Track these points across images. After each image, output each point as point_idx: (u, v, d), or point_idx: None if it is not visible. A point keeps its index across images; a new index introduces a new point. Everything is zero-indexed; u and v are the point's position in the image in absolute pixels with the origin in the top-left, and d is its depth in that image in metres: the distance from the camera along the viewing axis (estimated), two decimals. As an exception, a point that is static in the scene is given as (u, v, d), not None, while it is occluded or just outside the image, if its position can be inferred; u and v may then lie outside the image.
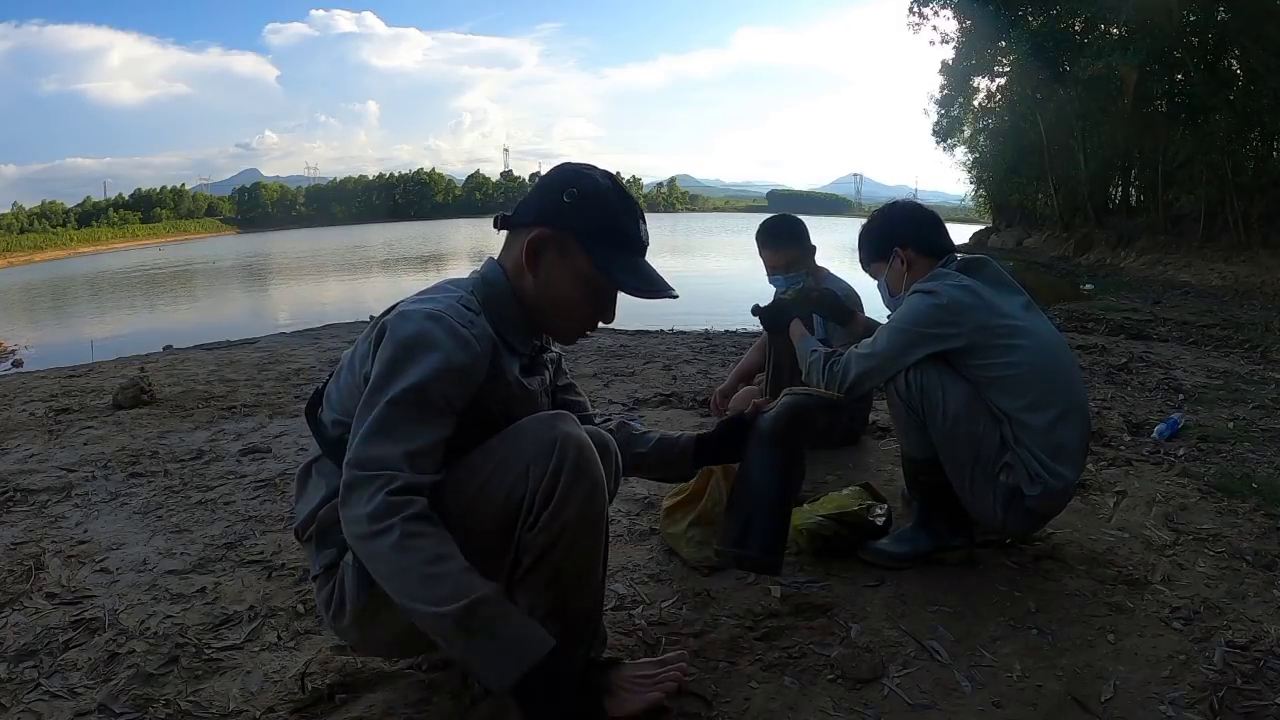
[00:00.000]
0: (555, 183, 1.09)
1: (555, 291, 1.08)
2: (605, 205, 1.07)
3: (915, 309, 1.58)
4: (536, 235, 1.06)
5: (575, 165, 1.12)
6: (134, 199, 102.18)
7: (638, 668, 1.24)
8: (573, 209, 1.06)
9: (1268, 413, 3.17)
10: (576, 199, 1.06)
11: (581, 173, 1.09)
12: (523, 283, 1.09)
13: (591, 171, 1.10)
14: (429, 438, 0.96)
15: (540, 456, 0.99)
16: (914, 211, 1.83)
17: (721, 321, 6.76)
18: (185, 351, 5.74)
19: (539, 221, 1.07)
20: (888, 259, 1.77)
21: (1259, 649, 1.36)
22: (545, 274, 1.08)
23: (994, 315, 1.57)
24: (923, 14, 20.81)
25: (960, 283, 1.60)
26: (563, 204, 1.06)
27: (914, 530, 1.71)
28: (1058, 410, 1.53)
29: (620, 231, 1.08)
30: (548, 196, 1.08)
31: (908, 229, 1.77)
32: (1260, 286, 10.21)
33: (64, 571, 1.74)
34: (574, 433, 1.01)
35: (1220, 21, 13.00)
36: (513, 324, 1.10)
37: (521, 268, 1.08)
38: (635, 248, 1.10)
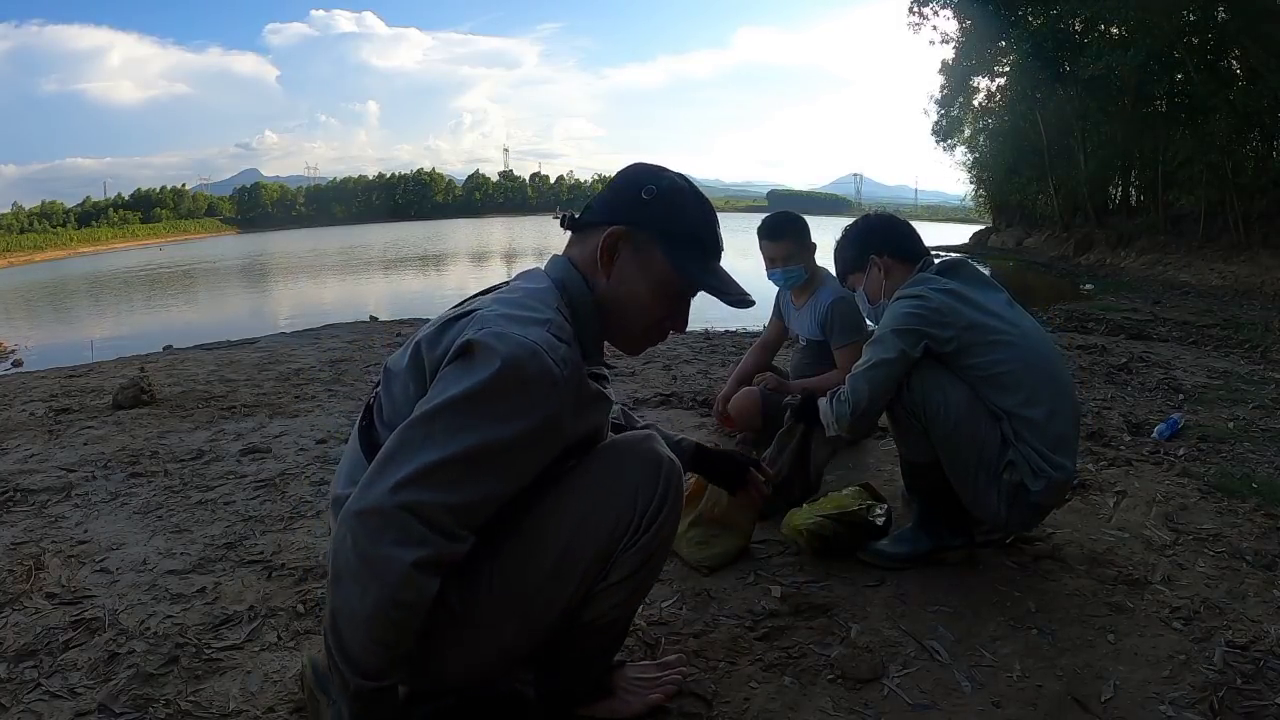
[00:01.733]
0: (632, 180, 1.04)
1: (629, 294, 1.02)
2: (685, 205, 1.03)
3: (904, 312, 1.59)
4: (613, 232, 1.00)
5: (651, 165, 1.07)
6: (134, 199, 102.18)
7: (639, 669, 1.24)
8: (651, 207, 1.01)
9: (1268, 413, 3.17)
10: (655, 197, 1.01)
11: (659, 172, 1.05)
12: (594, 282, 1.03)
13: (668, 172, 1.06)
14: (492, 491, 0.87)
15: (648, 481, 0.99)
16: (887, 220, 1.86)
17: (721, 321, 6.76)
18: (185, 351, 5.74)
19: (614, 219, 1.01)
20: (865, 269, 1.79)
21: (1259, 649, 1.37)
22: (620, 274, 1.01)
23: (981, 313, 1.58)
24: (923, 14, 20.84)
25: (943, 285, 1.61)
26: (640, 201, 1.01)
27: (914, 531, 1.71)
28: (1052, 402, 1.54)
29: (699, 233, 1.03)
30: (624, 194, 1.03)
31: (882, 237, 1.79)
32: (1260, 286, 10.21)
33: (64, 571, 1.74)
34: (669, 454, 1.02)
35: (1220, 21, 13.01)
36: (592, 335, 1.04)
37: (594, 267, 1.02)
38: (713, 251, 1.06)
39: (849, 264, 1.84)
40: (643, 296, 1.02)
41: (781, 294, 2.67)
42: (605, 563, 1.00)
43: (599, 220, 1.02)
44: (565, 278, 1.02)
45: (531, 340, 0.86)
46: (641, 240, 1.01)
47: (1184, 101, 13.52)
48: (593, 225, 1.03)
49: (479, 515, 0.87)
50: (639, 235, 1.01)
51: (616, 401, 1.30)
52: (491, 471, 0.85)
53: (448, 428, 0.83)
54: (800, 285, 2.54)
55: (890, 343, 1.58)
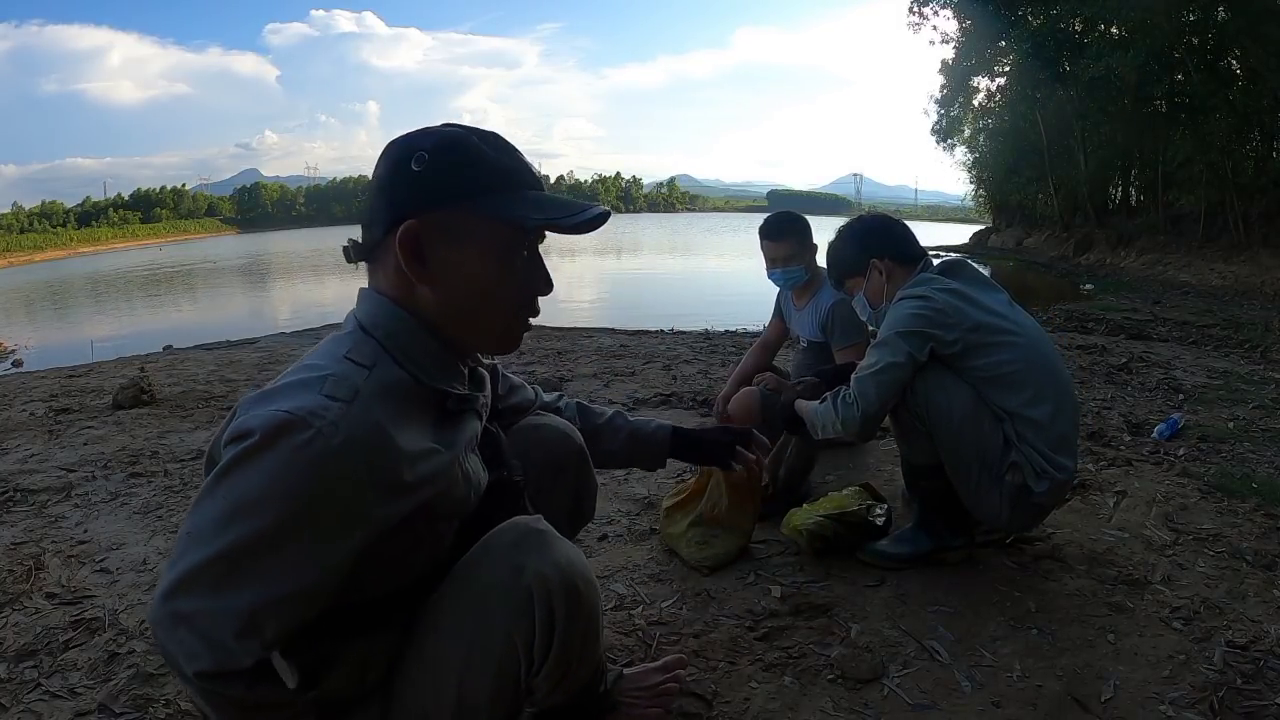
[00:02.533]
0: (395, 161, 0.82)
1: (467, 283, 0.82)
2: (468, 150, 0.82)
3: (909, 314, 1.57)
4: (405, 229, 0.79)
5: (407, 134, 0.84)
6: (134, 199, 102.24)
7: (638, 678, 1.21)
8: (432, 175, 0.80)
9: (1268, 413, 3.17)
10: (429, 161, 0.80)
11: (420, 134, 0.83)
12: (417, 300, 0.83)
13: (430, 128, 0.85)
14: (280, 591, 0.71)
15: (520, 619, 0.83)
16: (883, 222, 1.82)
17: (721, 321, 6.76)
18: (185, 351, 5.74)
19: (399, 214, 0.80)
20: (864, 273, 1.75)
21: (1259, 649, 1.36)
22: (442, 269, 0.81)
23: (984, 314, 1.57)
24: (923, 14, 20.85)
25: (946, 286, 1.60)
26: (416, 176, 0.80)
27: (914, 531, 1.71)
28: (1053, 402, 1.53)
29: (501, 170, 0.83)
30: (394, 181, 0.81)
31: (881, 239, 1.75)
32: (1260, 286, 10.21)
33: (64, 571, 1.74)
34: (545, 568, 0.83)
35: (1220, 21, 13.00)
36: (432, 359, 0.84)
37: (408, 282, 0.82)
38: (526, 182, 0.84)
39: (847, 268, 1.79)
40: (485, 276, 0.83)
41: (783, 294, 2.67)
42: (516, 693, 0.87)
43: (383, 226, 0.82)
44: (371, 311, 0.83)
45: (284, 412, 0.70)
46: (443, 218, 0.80)
47: (1184, 101, 13.51)
48: (381, 238, 0.83)
49: (276, 619, 0.71)
50: (437, 214, 0.80)
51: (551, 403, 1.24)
52: (264, 570, 0.70)
53: (206, 525, 0.70)
54: (801, 286, 2.54)
55: (897, 346, 1.55)
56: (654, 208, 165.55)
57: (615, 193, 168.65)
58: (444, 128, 0.84)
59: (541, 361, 4.42)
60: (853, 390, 1.59)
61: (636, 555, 1.79)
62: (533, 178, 0.85)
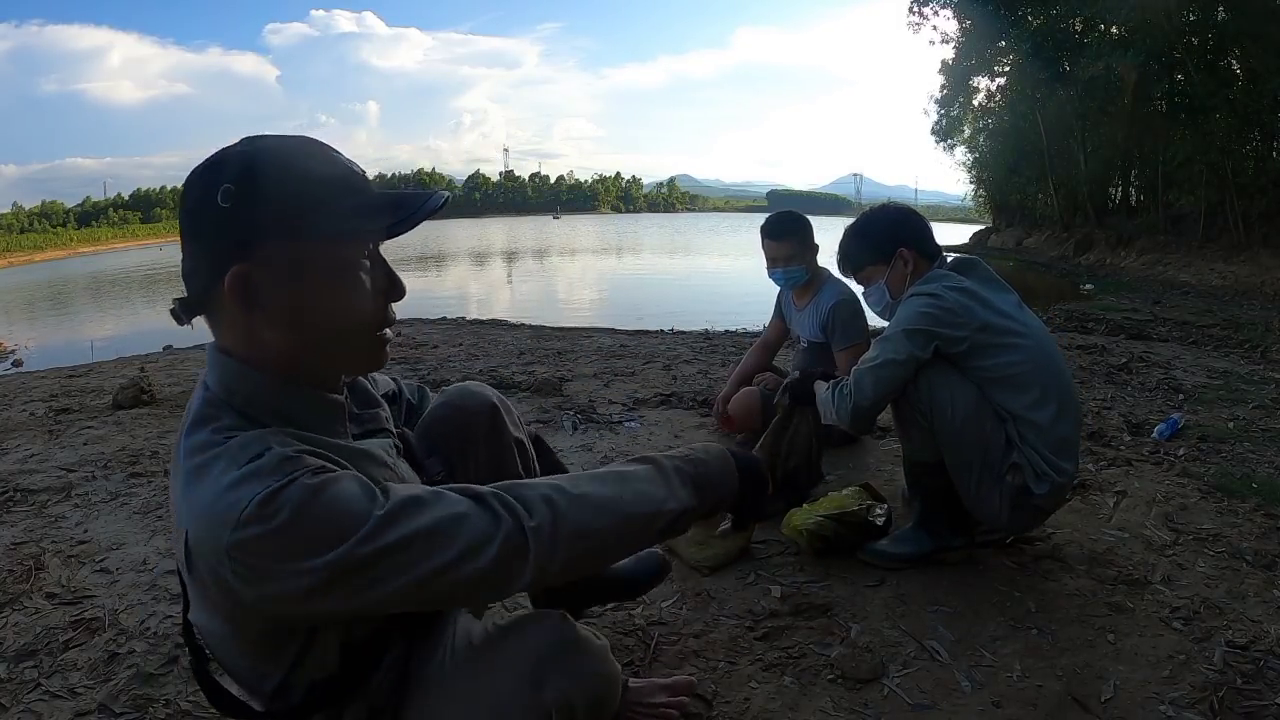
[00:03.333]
0: (199, 197, 0.71)
1: (313, 318, 0.74)
2: (273, 166, 0.71)
3: (918, 312, 1.56)
4: (232, 278, 0.70)
5: (205, 161, 0.74)
6: (134, 199, 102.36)
7: (643, 693, 1.18)
8: (244, 208, 0.70)
9: (1268, 413, 3.17)
10: (235, 192, 0.70)
11: (214, 162, 0.73)
12: (265, 347, 0.74)
13: (228, 149, 0.74)
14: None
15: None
16: (911, 213, 1.81)
17: (721, 321, 6.76)
18: (185, 351, 5.74)
19: (219, 263, 0.71)
20: (888, 261, 1.71)
21: (1259, 649, 1.37)
22: (283, 311, 0.72)
23: (994, 314, 1.57)
24: (923, 14, 20.86)
25: (959, 284, 1.59)
26: (224, 214, 0.70)
27: (914, 530, 1.71)
28: (1057, 405, 1.53)
29: (319, 180, 0.73)
30: (203, 221, 0.72)
31: (910, 230, 1.73)
32: (1260, 286, 10.22)
33: (64, 571, 1.74)
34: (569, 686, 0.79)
35: (1220, 21, 13.01)
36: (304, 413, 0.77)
37: (249, 330, 0.73)
38: (353, 183, 0.75)
39: (871, 254, 1.74)
40: (332, 304, 0.74)
41: (783, 294, 2.67)
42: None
43: (206, 276, 0.72)
44: (221, 378, 0.75)
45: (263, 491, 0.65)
46: (269, 253, 0.71)
47: (1184, 101, 13.50)
48: (208, 288, 0.73)
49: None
50: (262, 250, 0.71)
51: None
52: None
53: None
54: (802, 286, 2.54)
55: (900, 343, 1.56)
56: (654, 208, 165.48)
57: (615, 193, 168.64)
58: (240, 147, 0.73)
59: (541, 361, 4.42)
60: (850, 382, 1.61)
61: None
62: (355, 176, 0.76)
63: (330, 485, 0.67)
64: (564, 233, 52.87)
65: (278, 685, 0.77)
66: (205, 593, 0.70)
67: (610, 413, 3.09)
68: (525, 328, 6.66)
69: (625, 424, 2.93)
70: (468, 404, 1.10)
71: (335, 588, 0.66)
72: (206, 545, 0.66)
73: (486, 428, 1.10)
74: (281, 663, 0.76)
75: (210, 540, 0.65)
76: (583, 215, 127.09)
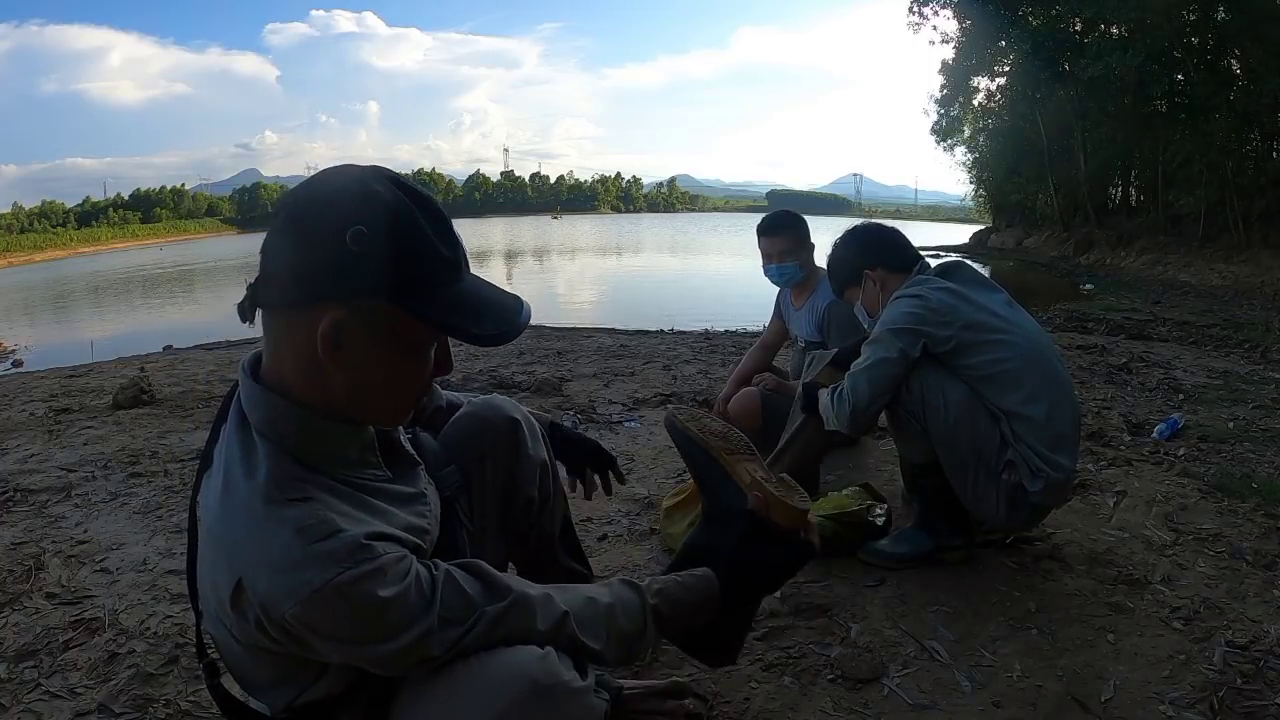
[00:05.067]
0: (326, 226, 0.71)
1: (380, 375, 0.76)
2: (411, 233, 0.73)
3: (903, 312, 1.59)
4: (331, 321, 0.71)
5: (340, 185, 0.74)
6: (134, 199, 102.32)
7: (638, 700, 1.17)
8: (367, 259, 0.70)
9: (1268, 413, 3.17)
10: (368, 240, 0.70)
11: (359, 195, 0.72)
12: (326, 382, 0.75)
13: (369, 186, 0.73)
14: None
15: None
16: (875, 232, 1.86)
17: (721, 321, 6.77)
18: (185, 351, 5.74)
19: (321, 294, 0.71)
20: (860, 284, 1.80)
21: (1259, 649, 1.36)
22: (356, 360, 0.74)
23: (979, 312, 1.58)
24: (923, 14, 20.87)
25: (942, 285, 1.62)
26: (350, 255, 0.70)
27: (914, 530, 1.71)
28: (1050, 400, 1.54)
29: (442, 261, 0.75)
30: (321, 250, 0.71)
31: (872, 250, 1.80)
32: (1260, 286, 10.22)
33: (64, 571, 1.74)
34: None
35: (1220, 21, 13.01)
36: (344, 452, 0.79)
37: (316, 367, 0.74)
38: (464, 270, 0.78)
39: (844, 280, 1.85)
40: (402, 369, 0.78)
41: (782, 294, 2.67)
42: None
43: (301, 301, 0.73)
44: (266, 417, 0.76)
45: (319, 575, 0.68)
46: (374, 309, 0.72)
47: (1184, 101, 13.52)
48: (293, 307, 0.73)
49: None
50: (365, 305, 0.72)
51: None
52: None
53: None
54: (798, 284, 2.55)
55: (889, 342, 1.57)
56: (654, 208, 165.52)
57: (615, 193, 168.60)
58: (378, 193, 0.72)
59: (541, 361, 4.42)
60: (846, 387, 1.62)
61: (636, 555, 1.79)
62: (461, 262, 0.78)
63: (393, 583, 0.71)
64: (564, 233, 52.90)
65: (289, 702, 0.81)
66: (244, 623, 0.72)
67: (610, 412, 3.09)
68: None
69: (625, 424, 2.94)
70: (491, 418, 1.12)
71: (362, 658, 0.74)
72: (262, 601, 0.70)
73: (507, 444, 1.12)
74: (297, 680, 0.80)
75: (270, 601, 0.69)
76: (583, 215, 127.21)
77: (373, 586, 0.70)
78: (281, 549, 0.69)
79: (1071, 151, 19.04)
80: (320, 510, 0.72)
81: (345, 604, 0.69)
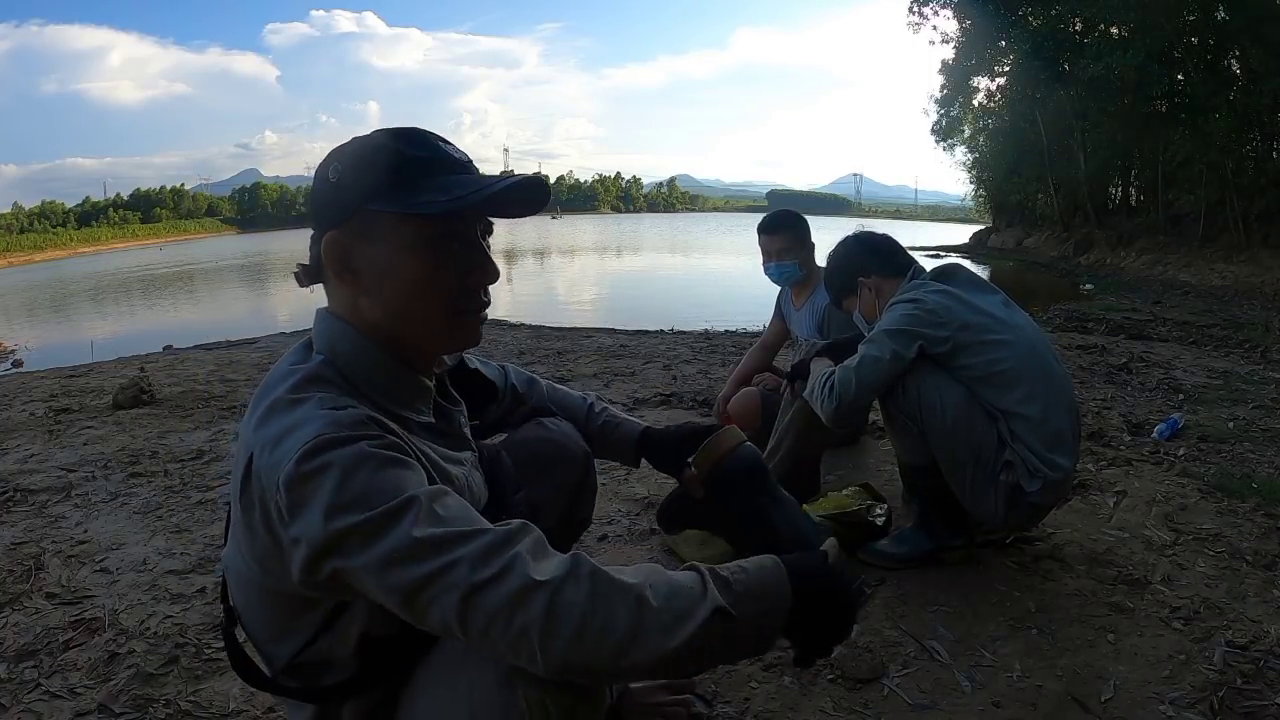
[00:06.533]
0: (317, 180, 0.82)
1: (397, 287, 0.79)
2: (379, 152, 0.79)
3: (899, 314, 1.60)
4: (327, 242, 0.79)
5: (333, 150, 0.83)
6: (134, 199, 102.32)
7: (644, 694, 1.18)
8: (346, 184, 0.79)
9: (1268, 413, 3.17)
10: (344, 170, 0.79)
11: (339, 147, 0.82)
12: (361, 312, 0.80)
13: (352, 139, 0.83)
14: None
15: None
16: (867, 240, 1.88)
17: (721, 321, 6.77)
18: (185, 351, 5.74)
19: (323, 229, 0.81)
20: (856, 292, 1.82)
21: (1259, 649, 1.37)
22: (372, 278, 0.79)
23: (975, 313, 1.59)
24: (923, 14, 20.88)
25: (937, 288, 1.63)
26: (333, 188, 0.79)
27: (914, 531, 1.71)
28: (1046, 399, 1.54)
29: (415, 162, 0.79)
30: (317, 201, 0.82)
31: (866, 258, 1.82)
32: (1260, 286, 10.22)
33: (64, 571, 1.74)
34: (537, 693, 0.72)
35: (1220, 21, 13.02)
36: (390, 381, 0.81)
37: (349, 295, 0.80)
38: (449, 166, 0.81)
39: (840, 289, 1.88)
40: (412, 274, 0.79)
41: (783, 294, 2.67)
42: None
43: (314, 244, 0.82)
44: (323, 331, 0.81)
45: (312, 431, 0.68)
46: (362, 224, 0.78)
47: (1184, 101, 13.52)
48: (316, 253, 0.82)
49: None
50: (354, 222, 0.79)
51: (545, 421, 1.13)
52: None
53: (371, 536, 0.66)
54: (799, 285, 2.55)
55: (882, 342, 1.59)
56: (654, 208, 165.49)
57: (615, 193, 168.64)
58: (363, 136, 0.82)
59: (542, 361, 4.42)
60: (836, 378, 1.63)
61: (636, 555, 1.79)
62: (455, 163, 0.81)
63: (389, 464, 0.69)
64: (564, 233, 52.89)
65: (290, 658, 0.78)
66: (250, 524, 0.72)
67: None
68: (525, 328, 6.66)
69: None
70: (571, 449, 1.11)
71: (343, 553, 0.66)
72: (266, 472, 0.69)
73: (578, 473, 1.11)
74: (299, 632, 0.77)
75: (271, 469, 0.68)
76: (583, 215, 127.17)
77: (372, 463, 0.67)
78: (291, 419, 0.70)
79: (1071, 151, 19.04)
80: (339, 394, 0.74)
81: (332, 465, 0.66)
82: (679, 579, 0.69)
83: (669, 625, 0.66)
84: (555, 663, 0.64)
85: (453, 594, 0.64)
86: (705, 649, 0.68)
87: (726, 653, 0.71)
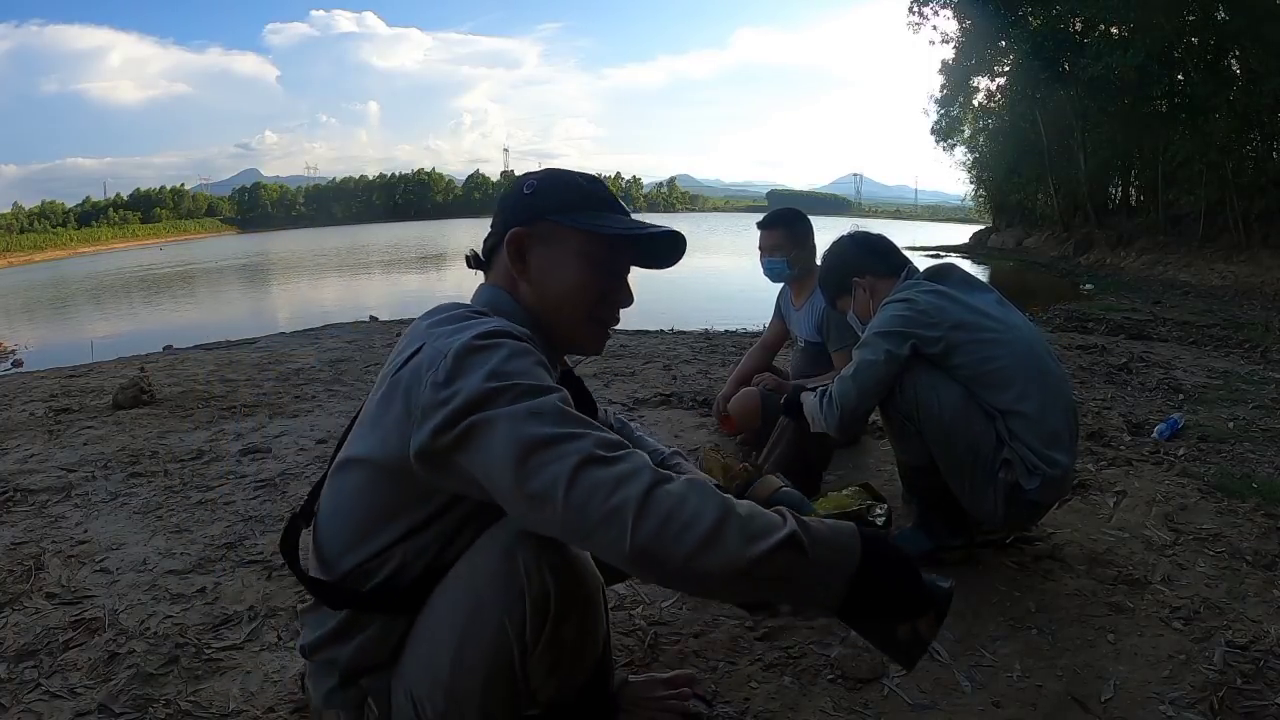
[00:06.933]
0: (513, 188, 1.04)
1: (557, 283, 0.98)
2: (568, 179, 1.02)
3: (891, 315, 1.60)
4: (513, 234, 0.98)
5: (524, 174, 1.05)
6: (134, 199, 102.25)
7: (645, 687, 1.19)
8: (539, 196, 1.00)
9: (1268, 413, 3.17)
10: (538, 186, 1.01)
11: (530, 172, 1.05)
12: (519, 294, 1.00)
13: (545, 168, 1.07)
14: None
15: (513, 605, 0.84)
16: (861, 240, 1.87)
17: (721, 321, 6.76)
18: (185, 351, 5.74)
19: (509, 224, 1.00)
20: (850, 292, 1.82)
21: (1259, 649, 1.37)
22: (538, 270, 0.99)
23: (969, 312, 1.59)
24: (923, 14, 20.90)
25: (930, 288, 1.63)
26: (525, 197, 1.00)
27: (914, 530, 1.71)
28: (1042, 397, 1.54)
29: (593, 194, 1.01)
30: (509, 201, 1.02)
31: (859, 258, 1.82)
32: (1260, 286, 10.23)
33: (64, 571, 1.74)
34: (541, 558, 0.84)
35: (1220, 21, 13.02)
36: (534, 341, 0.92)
37: (513, 279, 1.00)
38: (613, 205, 1.03)
39: (834, 290, 1.88)
40: (572, 277, 0.99)
41: (782, 294, 2.68)
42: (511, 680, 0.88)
43: (498, 237, 1.01)
44: (488, 298, 1.00)
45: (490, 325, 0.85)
46: (544, 229, 0.99)
47: (1184, 101, 13.52)
48: (496, 246, 1.02)
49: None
50: (540, 226, 0.99)
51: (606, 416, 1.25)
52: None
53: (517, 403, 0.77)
54: (799, 285, 2.55)
55: (875, 345, 1.59)
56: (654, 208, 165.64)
57: (615, 192, 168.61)
58: (556, 168, 1.06)
59: (541, 361, 4.42)
60: (834, 390, 1.63)
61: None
62: (619, 205, 1.03)
63: (545, 367, 0.84)
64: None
65: (359, 564, 0.89)
66: (389, 398, 0.84)
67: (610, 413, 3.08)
68: (525, 328, 6.65)
69: (625, 424, 2.93)
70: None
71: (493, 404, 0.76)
72: (437, 348, 0.82)
73: None
74: (384, 534, 0.88)
75: (444, 345, 0.82)
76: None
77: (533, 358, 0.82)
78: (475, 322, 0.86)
79: (1071, 151, 19.04)
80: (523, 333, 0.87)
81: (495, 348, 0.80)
82: (764, 509, 0.76)
83: (748, 537, 0.71)
84: (639, 545, 0.70)
85: (570, 458, 0.73)
86: (772, 577, 0.72)
87: (791, 593, 0.75)
